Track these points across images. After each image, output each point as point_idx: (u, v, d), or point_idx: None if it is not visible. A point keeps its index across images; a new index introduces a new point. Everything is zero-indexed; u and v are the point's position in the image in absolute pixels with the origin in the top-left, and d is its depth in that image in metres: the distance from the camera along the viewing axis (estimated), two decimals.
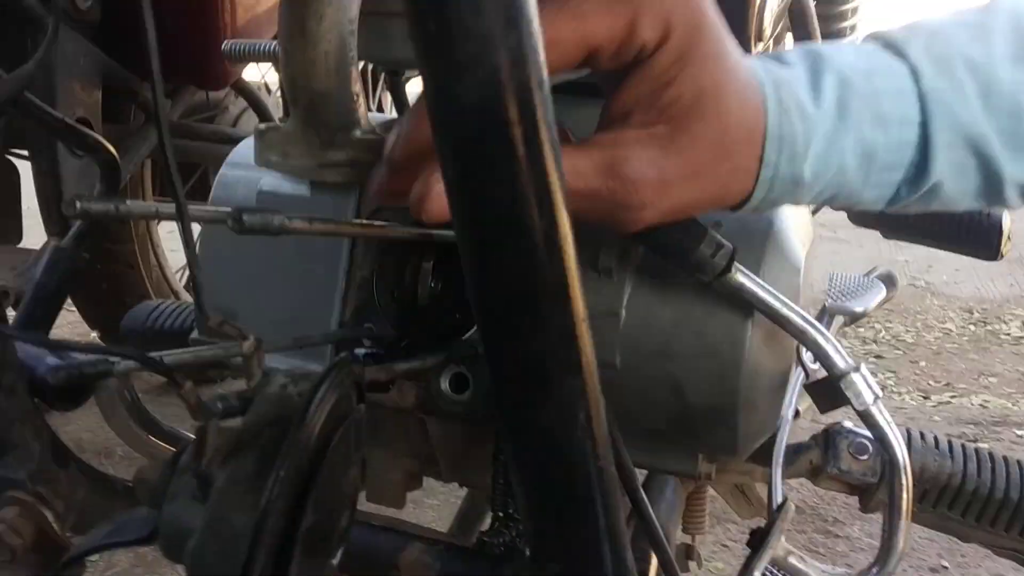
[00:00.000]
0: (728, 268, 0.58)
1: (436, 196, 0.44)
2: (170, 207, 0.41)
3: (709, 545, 1.69)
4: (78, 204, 0.40)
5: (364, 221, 0.58)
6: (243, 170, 0.74)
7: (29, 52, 1.29)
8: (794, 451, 0.85)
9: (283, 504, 0.32)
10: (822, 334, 0.60)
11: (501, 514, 0.69)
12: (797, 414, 0.89)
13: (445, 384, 0.68)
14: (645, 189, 0.46)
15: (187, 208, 0.36)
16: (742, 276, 0.59)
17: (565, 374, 0.36)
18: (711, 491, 1.00)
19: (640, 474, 0.91)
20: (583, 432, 0.37)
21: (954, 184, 0.53)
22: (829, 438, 0.83)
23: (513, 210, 0.32)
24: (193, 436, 0.38)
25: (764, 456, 0.79)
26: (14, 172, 1.54)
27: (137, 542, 0.39)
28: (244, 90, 1.76)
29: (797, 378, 0.76)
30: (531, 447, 0.38)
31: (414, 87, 0.98)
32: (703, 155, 0.46)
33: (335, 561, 0.41)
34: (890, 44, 0.52)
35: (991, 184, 0.53)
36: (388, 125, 0.62)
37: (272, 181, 0.70)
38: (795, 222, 0.68)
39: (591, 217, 0.48)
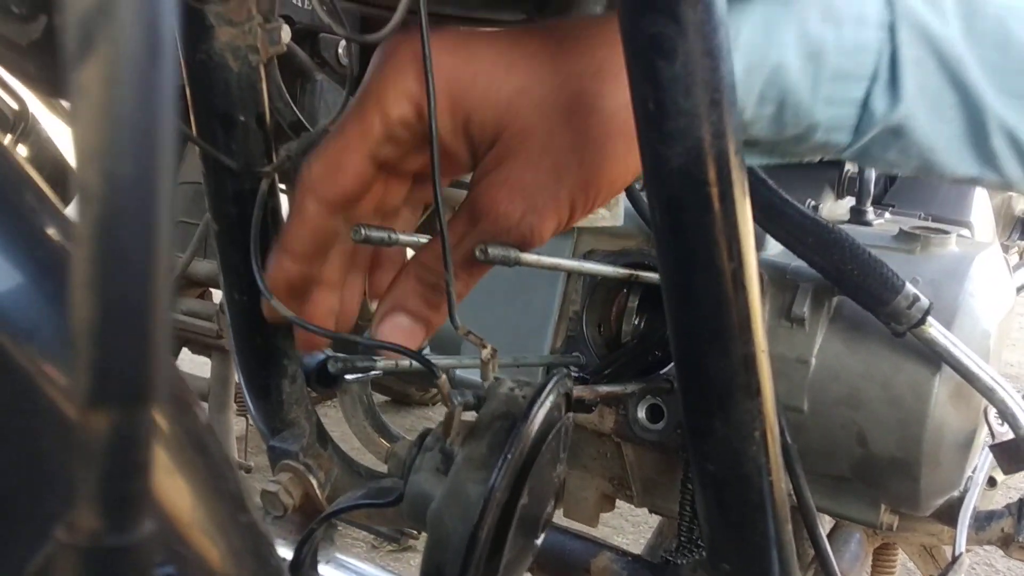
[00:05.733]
0: (923, 321, 0.61)
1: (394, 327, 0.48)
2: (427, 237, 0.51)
3: None
4: (363, 231, 0.51)
5: (580, 260, 0.67)
6: None
7: (298, 99, 1.49)
8: (986, 517, 0.85)
9: (507, 482, 0.40)
10: (1009, 394, 0.62)
11: (685, 539, 0.75)
12: (994, 483, 0.89)
13: (642, 413, 0.75)
14: (504, 206, 0.45)
15: (448, 238, 0.45)
16: (935, 330, 0.62)
17: (745, 396, 0.42)
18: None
19: (826, 527, 0.94)
20: (758, 448, 0.43)
21: (930, 122, 0.45)
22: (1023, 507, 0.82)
23: (708, 253, 0.39)
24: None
25: (953, 517, 0.80)
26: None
27: (385, 504, 0.48)
28: None
29: (985, 441, 0.77)
30: (711, 456, 0.44)
31: None
32: (542, 156, 0.44)
33: (538, 542, 0.49)
34: None
35: (975, 128, 0.45)
36: None
37: None
38: (993, 288, 0.70)
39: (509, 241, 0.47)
